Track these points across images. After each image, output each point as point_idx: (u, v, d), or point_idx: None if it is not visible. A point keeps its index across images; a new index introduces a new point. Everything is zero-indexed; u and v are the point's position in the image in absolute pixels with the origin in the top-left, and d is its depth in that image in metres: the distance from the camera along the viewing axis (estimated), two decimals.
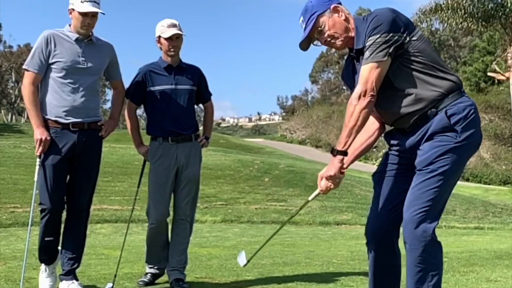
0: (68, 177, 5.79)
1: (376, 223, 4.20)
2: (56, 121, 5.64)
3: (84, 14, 5.67)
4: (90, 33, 5.88)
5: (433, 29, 59.97)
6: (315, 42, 4.18)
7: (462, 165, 4.04)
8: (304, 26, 4.09)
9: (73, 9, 5.73)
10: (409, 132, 4.01)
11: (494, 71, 43.00)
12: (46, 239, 5.71)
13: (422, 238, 3.82)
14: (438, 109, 3.94)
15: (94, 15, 5.74)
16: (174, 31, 6.21)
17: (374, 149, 38.32)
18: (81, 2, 5.65)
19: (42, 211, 5.62)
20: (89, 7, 5.65)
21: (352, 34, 4.05)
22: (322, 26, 4.06)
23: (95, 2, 5.70)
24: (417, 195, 3.90)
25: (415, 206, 3.86)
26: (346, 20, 4.09)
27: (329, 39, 4.09)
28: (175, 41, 6.25)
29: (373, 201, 4.29)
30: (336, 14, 4.07)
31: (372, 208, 4.27)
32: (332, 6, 4.07)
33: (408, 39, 3.91)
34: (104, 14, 5.83)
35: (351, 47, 4.13)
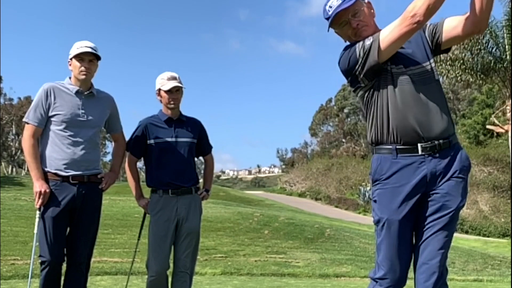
0: (68, 229, 5.77)
1: (403, 272, 4.16)
2: (56, 174, 5.65)
3: (80, 59, 5.74)
4: (90, 85, 5.95)
5: None
6: (342, 26, 4.22)
7: None
8: (340, 1, 4.13)
9: (71, 59, 5.82)
10: (432, 155, 4.01)
11: (493, 124, 43.16)
12: None
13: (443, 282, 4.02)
14: (456, 143, 4.10)
15: (91, 59, 5.81)
16: (174, 83, 6.26)
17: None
18: (77, 48, 5.76)
19: (42, 263, 5.59)
20: (84, 49, 5.74)
21: (376, 31, 4.12)
22: (358, 10, 4.16)
23: (91, 48, 5.79)
24: (442, 243, 4.02)
25: (440, 256, 4.00)
26: (374, 17, 4.27)
27: (360, 25, 4.16)
28: (175, 93, 6.30)
29: (390, 247, 4.14)
30: (369, 9, 4.25)
31: (393, 255, 4.14)
32: (367, 0, 4.26)
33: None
34: (100, 57, 5.91)
35: None
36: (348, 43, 4.31)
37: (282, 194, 64.53)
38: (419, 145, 4.00)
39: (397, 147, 4.05)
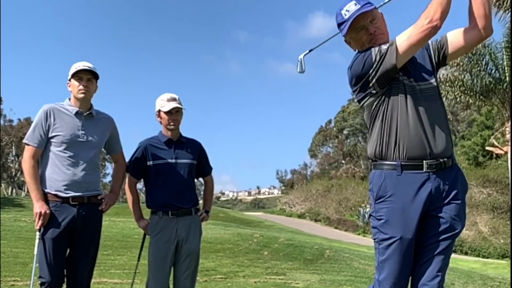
0: (68, 250, 5.77)
1: None
2: (56, 195, 5.66)
3: (78, 78, 5.78)
4: (90, 106, 5.97)
5: None
6: (358, 30, 4.23)
7: None
8: (358, 6, 4.17)
9: (69, 80, 5.86)
10: (436, 173, 4.02)
11: (492, 145, 43.21)
12: None
13: None
14: (456, 162, 4.16)
15: (89, 78, 5.85)
16: (174, 104, 6.28)
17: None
18: (75, 68, 5.81)
19: (42, 284, 5.58)
20: (82, 67, 5.79)
21: (388, 40, 4.16)
22: (375, 17, 4.21)
23: (88, 66, 5.83)
24: (441, 265, 4.05)
25: (440, 277, 4.02)
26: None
27: (377, 32, 4.20)
28: (174, 115, 6.32)
29: (395, 265, 4.13)
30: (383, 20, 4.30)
31: (398, 274, 4.13)
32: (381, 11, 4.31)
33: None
34: (98, 77, 5.95)
35: None
36: (355, 52, 4.34)
37: (281, 215, 64.28)
38: (424, 162, 4.00)
39: (402, 163, 4.02)
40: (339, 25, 4.29)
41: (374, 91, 4.12)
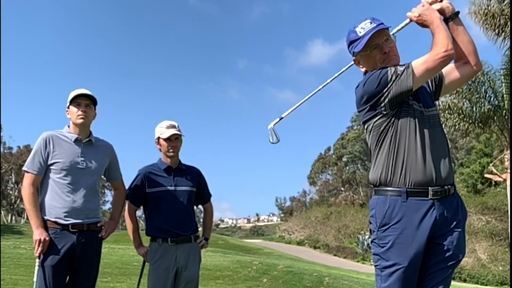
0: (67, 277, 5.75)
1: None
2: (55, 222, 5.66)
3: (77, 104, 5.83)
4: (89, 133, 6.00)
5: None
6: (372, 49, 4.21)
7: None
8: (374, 24, 4.17)
9: (68, 107, 5.90)
10: (440, 201, 4.01)
11: (491, 172, 43.23)
12: None
13: None
14: (456, 190, 4.16)
15: (88, 104, 5.88)
16: (173, 131, 6.32)
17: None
18: (73, 94, 5.86)
19: None
20: (80, 92, 5.83)
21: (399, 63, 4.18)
22: (389, 37, 4.21)
23: (86, 92, 5.87)
24: None
25: None
26: None
27: (391, 52, 4.20)
28: (174, 141, 6.35)
29: None
30: None
31: None
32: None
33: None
34: (96, 102, 5.98)
35: None
36: (362, 73, 4.35)
37: (280, 242, 64.08)
38: (430, 188, 3.97)
39: (408, 189, 3.98)
40: (352, 42, 4.27)
41: (384, 112, 4.07)
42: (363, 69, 4.37)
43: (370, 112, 4.15)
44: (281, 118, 4.99)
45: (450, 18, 4.18)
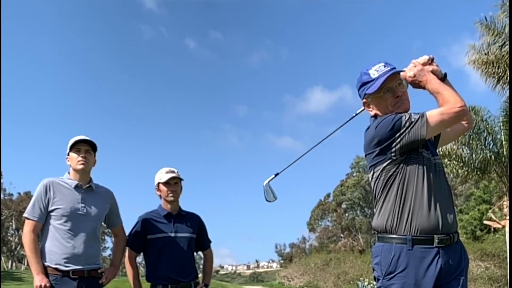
0: None
1: None
2: (56, 269, 5.65)
3: (77, 151, 5.88)
4: (89, 179, 6.04)
5: None
6: (384, 92, 4.21)
7: None
8: (388, 68, 4.20)
9: (68, 153, 5.96)
10: (445, 249, 3.97)
11: (490, 219, 43.05)
12: None
13: None
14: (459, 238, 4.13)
15: (87, 150, 5.93)
16: (172, 175, 6.36)
17: None
18: (73, 140, 5.91)
19: None
20: (79, 138, 5.89)
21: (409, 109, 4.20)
22: (401, 82, 4.22)
23: (86, 138, 5.92)
24: None
25: None
26: None
27: (404, 97, 4.21)
28: (173, 186, 6.38)
29: None
30: None
31: None
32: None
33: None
34: (96, 148, 6.03)
35: None
36: (370, 118, 4.36)
37: None
38: (435, 236, 3.92)
39: (413, 237, 3.93)
40: (365, 83, 4.27)
41: (394, 158, 4.02)
42: (372, 112, 4.34)
43: (379, 156, 4.10)
44: (277, 174, 4.94)
45: (441, 80, 4.18)
